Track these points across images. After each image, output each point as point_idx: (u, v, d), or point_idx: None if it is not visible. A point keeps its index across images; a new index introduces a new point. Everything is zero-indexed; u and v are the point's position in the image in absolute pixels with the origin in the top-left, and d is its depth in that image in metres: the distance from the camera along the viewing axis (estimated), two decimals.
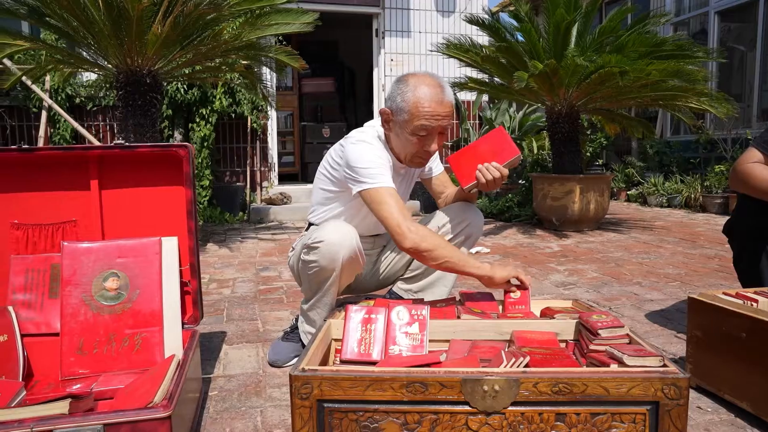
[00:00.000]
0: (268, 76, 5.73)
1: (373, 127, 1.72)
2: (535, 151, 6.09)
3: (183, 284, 1.50)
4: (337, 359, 1.32)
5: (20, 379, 1.31)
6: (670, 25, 7.32)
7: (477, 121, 6.68)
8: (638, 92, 3.95)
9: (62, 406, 0.98)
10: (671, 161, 6.53)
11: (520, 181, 6.03)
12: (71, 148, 1.41)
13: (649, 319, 2.12)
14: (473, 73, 4.80)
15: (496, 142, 1.66)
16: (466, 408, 1.01)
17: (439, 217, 1.82)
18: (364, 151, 1.59)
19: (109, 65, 3.47)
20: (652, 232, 4.33)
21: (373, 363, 1.23)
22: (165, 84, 5.02)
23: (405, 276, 1.93)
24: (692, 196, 5.68)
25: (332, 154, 1.76)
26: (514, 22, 4.25)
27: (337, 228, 1.57)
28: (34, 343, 1.39)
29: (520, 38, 4.26)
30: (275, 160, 6.42)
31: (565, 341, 1.34)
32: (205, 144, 5.38)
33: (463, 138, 6.57)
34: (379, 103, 6.67)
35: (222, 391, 1.52)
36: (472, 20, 4.25)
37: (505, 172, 1.59)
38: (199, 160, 5.39)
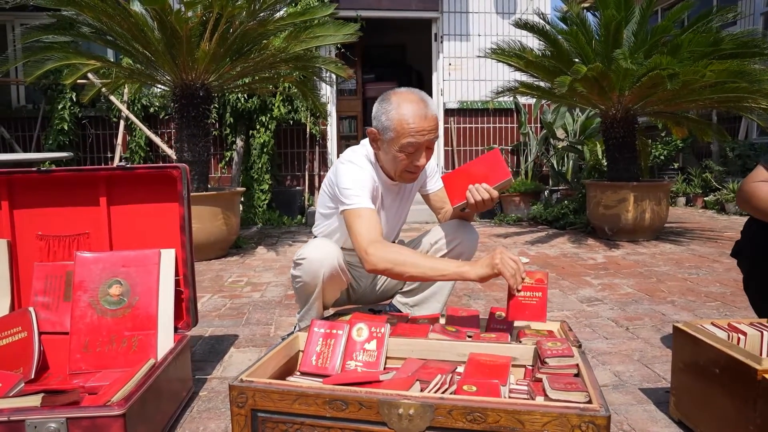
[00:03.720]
0: (328, 83, 5.93)
1: (365, 146, 1.77)
2: (600, 155, 5.82)
3: (178, 293, 1.65)
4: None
5: (33, 372, 1.51)
6: (759, 16, 6.71)
7: (538, 125, 6.49)
8: (698, 94, 3.69)
9: (35, 400, 1.13)
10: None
11: (583, 189, 5.81)
12: (82, 170, 1.60)
13: (664, 343, 2.01)
14: (525, 77, 4.69)
15: (489, 164, 1.66)
16: (385, 429, 1.04)
17: (433, 234, 1.84)
18: (348, 172, 1.64)
19: (167, 79, 3.78)
20: (715, 243, 4.02)
21: (327, 376, 1.30)
22: (227, 94, 5.37)
23: (403, 289, 1.97)
24: None
25: (332, 170, 1.84)
26: (563, 25, 4.11)
27: (320, 246, 1.65)
28: (50, 340, 1.59)
29: None
30: None
31: (524, 366, 1.33)
32: (265, 150, 5.67)
33: (523, 143, 6.42)
34: (438, 107, 6.67)
35: (211, 392, 1.65)
36: (520, 24, 4.16)
37: (495, 194, 1.59)
38: (259, 165, 5.69)
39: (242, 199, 5.75)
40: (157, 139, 5.33)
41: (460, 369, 1.28)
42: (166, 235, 1.65)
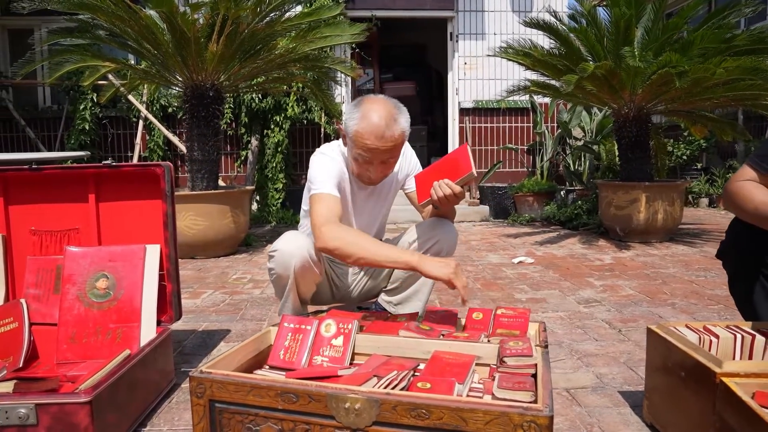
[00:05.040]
0: (343, 83, 5.97)
1: (339, 142, 1.80)
2: (617, 156, 5.71)
3: (163, 287, 1.69)
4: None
5: (22, 361, 1.57)
6: None
7: (554, 124, 6.40)
8: (712, 92, 3.59)
9: (7, 386, 1.19)
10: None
11: (596, 189, 5.71)
12: (72, 167, 1.66)
13: None
14: (537, 76, 4.64)
15: (455, 159, 1.66)
16: (334, 422, 1.06)
17: (410, 234, 1.84)
18: (317, 162, 1.70)
19: (179, 80, 3.87)
20: None
21: (293, 370, 1.32)
22: (241, 94, 5.45)
23: (387, 288, 1.98)
24: None
25: None
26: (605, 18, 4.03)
27: (292, 239, 1.68)
28: (40, 331, 1.66)
29: None
30: None
31: (489, 366, 1.33)
32: (279, 149, 5.75)
33: (539, 142, 6.35)
34: (453, 106, 6.65)
35: None
36: (529, 23, 4.12)
37: (457, 189, 1.59)
38: (273, 164, 5.76)
39: (257, 197, 5.84)
40: (174, 139, 5.46)
41: (423, 366, 1.28)
42: (152, 231, 1.70)
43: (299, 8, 4.84)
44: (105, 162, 1.63)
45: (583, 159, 6.15)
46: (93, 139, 5.62)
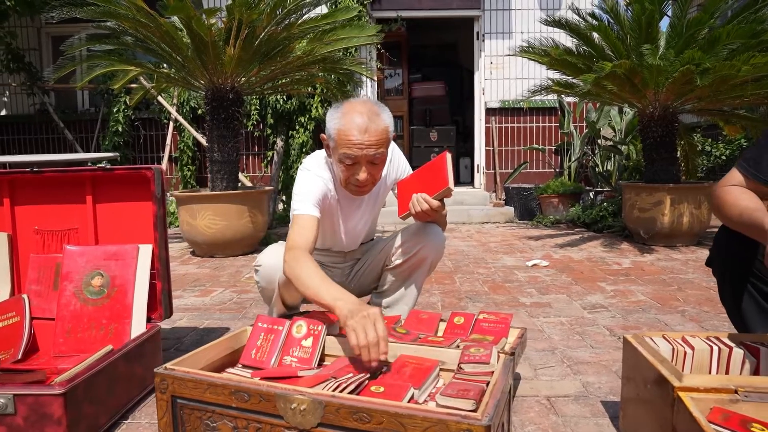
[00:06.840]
0: (367, 84, 6.01)
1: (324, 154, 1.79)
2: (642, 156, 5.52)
3: (153, 286, 1.76)
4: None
5: (21, 353, 1.67)
6: None
7: (583, 124, 6.24)
8: (741, 90, 3.43)
9: None
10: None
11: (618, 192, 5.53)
12: (69, 170, 1.74)
13: None
14: (559, 75, 4.54)
15: (433, 171, 1.62)
16: (282, 422, 1.08)
17: (396, 240, 1.83)
18: (300, 178, 1.68)
19: (201, 83, 3.98)
20: None
21: (262, 369, 1.35)
22: (266, 96, 5.56)
23: (377, 290, 1.98)
24: None
25: None
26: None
27: (276, 253, 1.69)
28: (40, 325, 1.75)
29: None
30: None
31: (453, 371, 1.32)
32: (304, 150, 5.83)
33: (567, 142, 6.20)
34: (479, 106, 6.58)
35: None
36: (549, 21, 4.04)
37: (434, 203, 1.55)
38: (298, 165, 5.85)
39: (282, 197, 5.95)
40: (203, 140, 5.61)
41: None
42: (145, 231, 1.76)
43: (324, 9, 4.91)
44: (99, 165, 1.71)
45: (612, 160, 5.98)
46: (126, 141, 5.86)
